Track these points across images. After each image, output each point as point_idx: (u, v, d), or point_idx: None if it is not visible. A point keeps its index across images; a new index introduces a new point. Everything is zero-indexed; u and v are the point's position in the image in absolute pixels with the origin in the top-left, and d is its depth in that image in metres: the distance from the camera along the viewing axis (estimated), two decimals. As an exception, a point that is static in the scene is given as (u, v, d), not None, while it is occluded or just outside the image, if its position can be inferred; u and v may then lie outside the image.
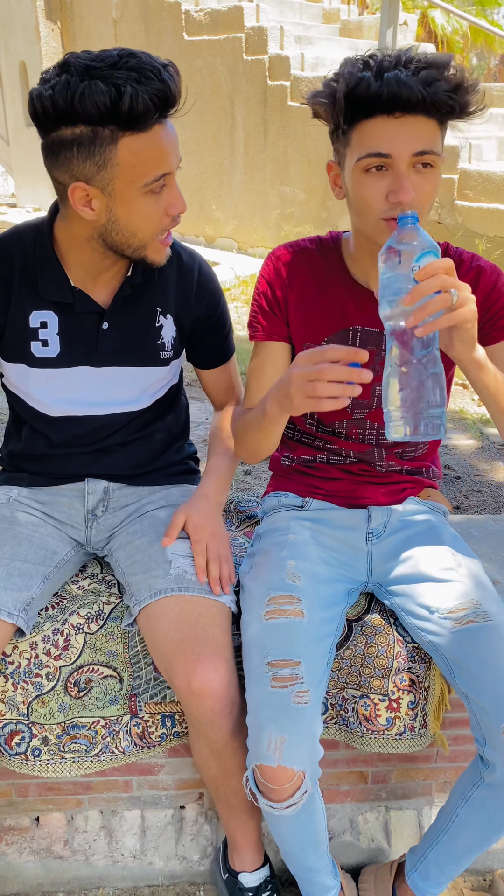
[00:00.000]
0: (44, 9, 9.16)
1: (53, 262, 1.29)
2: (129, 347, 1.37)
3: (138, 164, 1.12)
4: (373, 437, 1.41)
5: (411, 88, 1.08)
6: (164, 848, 1.56)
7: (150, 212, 1.17)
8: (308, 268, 1.35)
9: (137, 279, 1.34)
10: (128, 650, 1.39)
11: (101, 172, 1.13)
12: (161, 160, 1.13)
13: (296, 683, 1.16)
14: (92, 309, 1.33)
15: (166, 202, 1.18)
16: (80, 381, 1.37)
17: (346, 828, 1.60)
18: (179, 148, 1.20)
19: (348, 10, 9.02)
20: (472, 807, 1.26)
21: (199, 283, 1.41)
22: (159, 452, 1.51)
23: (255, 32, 7.00)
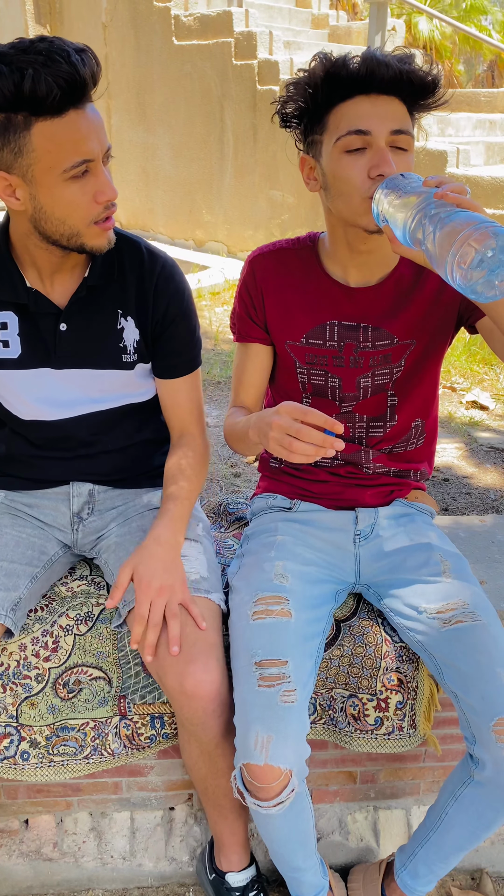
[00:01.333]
0: (33, 12, 9.14)
1: (7, 263, 1.29)
2: (88, 350, 1.34)
3: (54, 151, 1.10)
4: (362, 433, 1.42)
5: (389, 66, 1.15)
6: (153, 849, 1.56)
7: (75, 199, 1.14)
8: (284, 267, 1.38)
9: (95, 280, 1.30)
10: (117, 651, 1.39)
11: (18, 160, 1.11)
12: (79, 145, 1.10)
13: (283, 683, 1.17)
14: (48, 310, 1.31)
15: (93, 189, 1.14)
16: (43, 384, 1.35)
17: (335, 827, 1.60)
18: (106, 134, 1.17)
19: (337, 16, 9.06)
20: (462, 805, 1.26)
21: (159, 282, 1.34)
22: (144, 457, 1.50)
23: (245, 37, 7.02)
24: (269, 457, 1.53)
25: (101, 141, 1.14)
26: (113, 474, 1.47)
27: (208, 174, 7.79)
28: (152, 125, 7.93)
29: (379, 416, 1.41)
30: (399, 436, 1.44)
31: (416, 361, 1.38)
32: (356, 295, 1.34)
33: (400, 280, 1.34)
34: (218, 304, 5.61)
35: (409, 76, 1.16)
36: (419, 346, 1.37)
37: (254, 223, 7.47)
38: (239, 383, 1.47)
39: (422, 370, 1.40)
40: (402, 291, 1.34)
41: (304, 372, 1.40)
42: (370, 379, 1.38)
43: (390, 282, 1.34)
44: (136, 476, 1.49)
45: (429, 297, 1.34)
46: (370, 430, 1.42)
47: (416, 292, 1.34)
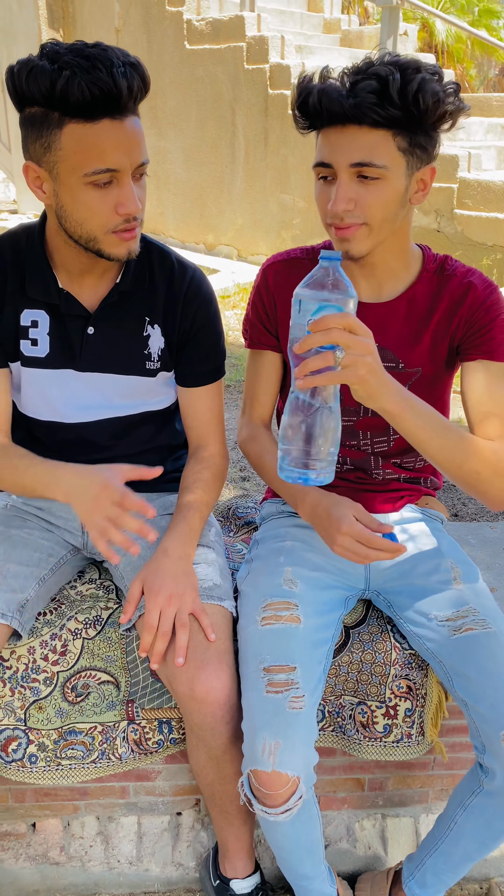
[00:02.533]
0: (46, 17, 9.20)
1: (42, 262, 1.30)
2: (114, 354, 1.35)
3: (79, 153, 1.11)
4: (367, 446, 1.41)
5: (333, 101, 1.11)
6: (160, 854, 1.56)
7: (94, 205, 1.15)
8: (296, 277, 1.34)
9: (126, 286, 1.32)
10: (125, 655, 1.39)
11: (46, 154, 1.14)
12: (105, 154, 1.11)
13: (291, 689, 1.16)
14: (78, 312, 1.32)
15: (115, 200, 1.15)
16: (65, 385, 1.36)
17: (343, 835, 1.59)
18: (144, 150, 1.17)
19: (349, 21, 9.08)
20: (471, 814, 1.26)
21: (188, 296, 1.36)
22: (158, 463, 1.47)
23: (257, 42, 7.04)
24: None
25: (132, 155, 1.14)
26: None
27: (219, 178, 7.80)
28: (164, 129, 7.95)
29: (382, 432, 1.40)
30: (406, 452, 1.43)
31: (421, 390, 1.33)
32: (366, 310, 1.31)
33: (413, 300, 1.31)
34: (228, 307, 5.62)
35: (354, 113, 1.10)
36: (426, 375, 1.34)
37: (264, 227, 7.47)
38: (253, 392, 1.47)
39: (428, 398, 1.37)
40: (415, 313, 1.31)
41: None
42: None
43: (403, 300, 1.31)
44: (149, 481, 1.48)
45: (438, 324, 1.31)
46: (375, 444, 1.41)
47: (428, 317, 1.31)
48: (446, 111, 1.14)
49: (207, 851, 1.55)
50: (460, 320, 1.29)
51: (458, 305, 1.29)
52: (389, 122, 1.11)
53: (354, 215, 1.17)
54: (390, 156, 1.14)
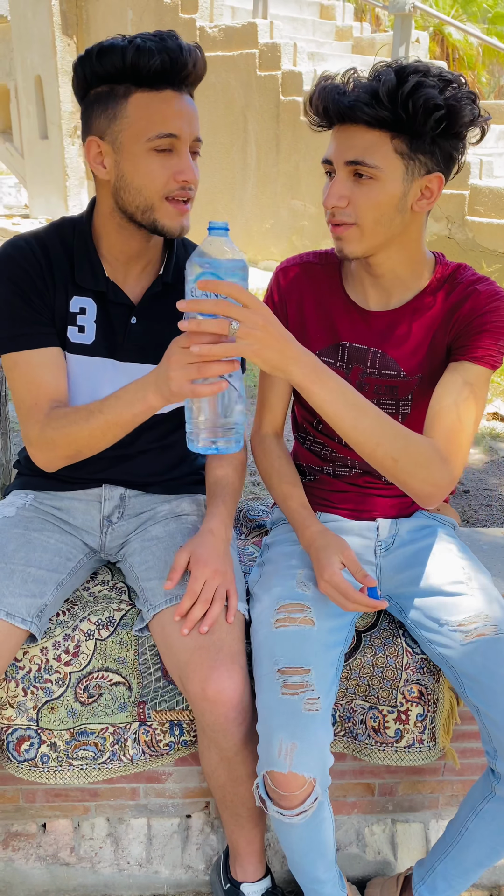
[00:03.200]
0: (60, 24, 9.28)
1: (90, 250, 1.33)
2: (154, 345, 1.37)
3: (144, 119, 1.18)
4: None
5: (330, 100, 1.15)
6: (169, 857, 1.56)
7: (154, 170, 1.20)
8: (308, 282, 1.38)
9: (169, 278, 1.37)
10: (137, 657, 1.40)
11: (111, 125, 1.20)
12: (168, 120, 1.18)
13: (306, 690, 1.16)
14: (123, 301, 1.36)
15: (174, 167, 1.20)
16: (104, 374, 1.38)
17: (353, 840, 1.59)
18: (198, 128, 1.24)
19: (361, 28, 9.10)
20: (483, 820, 1.25)
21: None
22: (175, 463, 1.51)
23: (269, 49, 7.07)
24: None
25: (191, 126, 1.21)
26: (144, 477, 1.48)
27: (231, 184, 7.84)
28: (176, 135, 7.98)
29: None
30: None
31: (422, 395, 1.34)
32: (372, 318, 1.33)
33: (418, 309, 1.31)
34: (239, 312, 5.62)
35: (347, 114, 1.14)
36: (425, 381, 1.34)
37: (275, 233, 7.50)
38: (265, 397, 1.47)
39: (426, 403, 1.36)
40: (419, 322, 1.31)
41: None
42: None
43: (408, 309, 1.32)
44: (166, 481, 1.51)
45: (441, 330, 1.30)
46: None
47: (431, 325, 1.31)
48: (443, 118, 1.12)
49: (218, 855, 1.55)
50: (456, 323, 1.28)
51: (456, 310, 1.28)
52: (380, 122, 1.13)
53: (346, 213, 1.19)
54: (385, 158, 1.15)
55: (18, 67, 10.26)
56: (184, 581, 1.31)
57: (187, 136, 1.21)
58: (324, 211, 1.24)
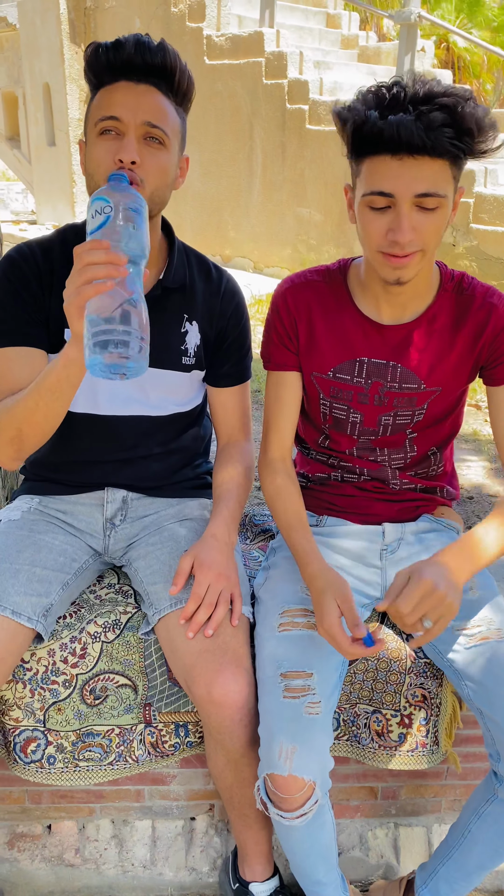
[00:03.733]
0: (68, 32, 9.34)
1: None
2: (153, 349, 1.37)
3: (96, 108, 1.25)
4: (385, 461, 1.43)
5: (412, 133, 1.08)
6: (174, 859, 1.57)
7: (99, 155, 1.23)
8: (315, 301, 1.36)
9: (169, 282, 1.39)
10: (143, 659, 1.41)
11: (86, 125, 1.28)
12: (112, 105, 1.22)
13: (308, 694, 1.18)
14: None
15: (117, 150, 1.21)
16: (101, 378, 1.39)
17: (356, 843, 1.60)
18: (159, 115, 1.24)
19: (367, 37, 9.15)
20: (485, 823, 1.26)
21: (225, 296, 1.46)
22: (179, 468, 1.53)
23: (275, 57, 7.12)
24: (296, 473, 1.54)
25: (138, 111, 1.22)
26: (147, 481, 1.50)
27: (236, 191, 7.87)
28: (182, 142, 8.03)
29: (399, 448, 1.42)
30: (422, 463, 1.45)
31: (439, 407, 1.38)
32: (387, 332, 1.33)
33: (433, 320, 1.32)
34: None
35: (434, 145, 1.09)
36: (444, 393, 1.36)
37: (281, 240, 7.53)
38: (274, 418, 1.43)
39: (444, 414, 1.40)
40: (436, 333, 1.32)
41: (327, 404, 1.40)
42: (392, 418, 1.38)
43: (423, 320, 1.32)
44: (169, 485, 1.52)
45: (462, 345, 1.32)
46: (392, 460, 1.43)
47: (449, 337, 1.32)
48: (496, 142, 1.15)
49: (223, 856, 1.56)
50: (485, 343, 1.31)
51: (482, 328, 1.30)
52: (456, 152, 1.12)
53: (414, 244, 1.16)
54: (447, 184, 1.15)
55: (27, 75, 10.33)
56: (189, 585, 1.32)
57: (131, 119, 1.21)
58: (368, 240, 1.20)
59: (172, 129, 1.26)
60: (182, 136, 1.32)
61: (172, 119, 1.27)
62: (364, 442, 1.41)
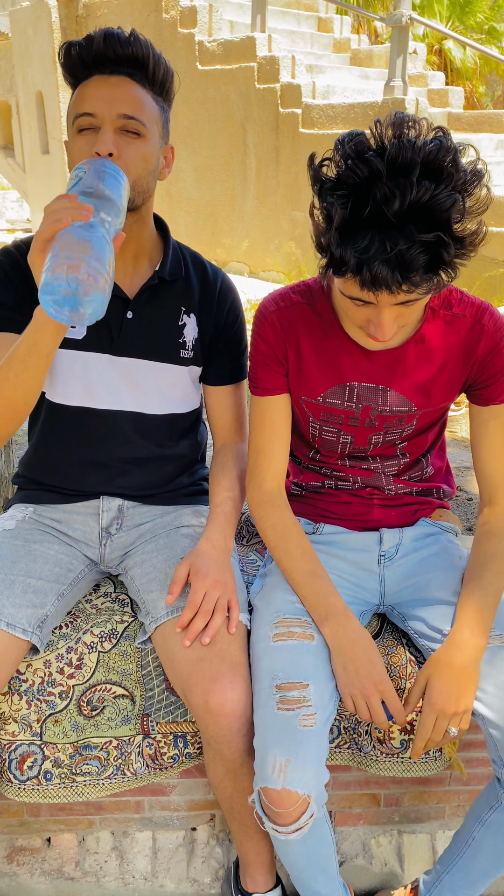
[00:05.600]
0: (61, 39, 9.34)
1: None
2: (151, 340, 1.40)
3: (72, 106, 1.26)
4: (379, 468, 1.42)
5: (389, 283, 1.02)
6: (175, 870, 1.55)
7: (77, 150, 1.24)
8: (302, 325, 1.31)
9: (165, 274, 1.39)
10: (140, 669, 1.40)
11: (68, 121, 1.28)
12: (86, 101, 1.23)
13: (302, 706, 1.15)
14: (118, 294, 1.36)
15: (95, 144, 1.21)
16: (98, 370, 1.38)
17: (359, 851, 1.58)
18: (134, 107, 1.23)
19: (359, 40, 9.17)
20: (489, 830, 1.24)
21: (222, 290, 1.47)
22: (174, 476, 1.52)
23: (267, 62, 7.12)
24: (289, 482, 1.53)
25: (113, 105, 1.22)
26: (143, 489, 1.48)
27: (231, 196, 7.88)
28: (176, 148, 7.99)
29: (392, 457, 1.41)
30: (414, 467, 1.44)
31: (428, 420, 1.38)
32: (376, 356, 1.30)
33: (421, 341, 1.29)
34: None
35: (415, 285, 1.02)
36: (433, 409, 1.36)
37: (275, 244, 7.52)
38: (265, 444, 1.36)
39: (432, 423, 1.40)
40: (425, 355, 1.30)
41: (317, 426, 1.38)
42: (382, 436, 1.37)
43: (412, 342, 1.29)
44: (165, 493, 1.51)
45: (453, 366, 1.30)
46: (385, 467, 1.42)
47: (439, 358, 1.30)
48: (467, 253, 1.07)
49: (225, 867, 1.54)
50: (475, 364, 1.30)
51: (472, 349, 1.29)
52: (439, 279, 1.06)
53: (395, 329, 1.15)
54: (429, 286, 1.07)
55: (19, 83, 10.34)
56: (185, 593, 1.31)
57: (105, 113, 1.22)
58: (352, 321, 1.17)
59: (150, 118, 1.26)
60: (164, 125, 1.32)
61: (150, 108, 1.26)
62: (360, 451, 1.40)
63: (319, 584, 1.28)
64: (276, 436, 1.37)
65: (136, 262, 1.38)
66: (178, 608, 1.29)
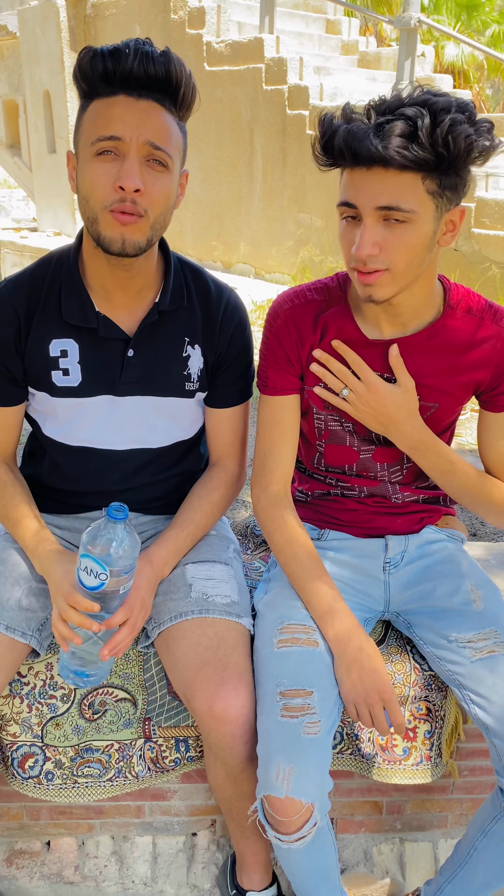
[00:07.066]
0: (68, 39, 9.36)
1: (78, 285, 1.28)
2: (154, 376, 1.33)
3: (91, 124, 1.15)
4: (384, 476, 1.40)
5: (359, 142, 1.05)
6: (175, 875, 1.54)
7: (96, 177, 1.14)
8: (315, 323, 1.30)
9: (165, 306, 1.31)
10: (142, 673, 1.39)
11: (77, 136, 1.19)
12: (110, 123, 1.12)
13: (307, 714, 1.14)
14: (117, 335, 1.30)
15: (117, 174, 1.13)
16: (101, 411, 1.33)
17: (361, 859, 1.57)
18: (162, 134, 1.15)
19: (367, 42, 9.15)
20: (492, 840, 1.23)
21: (227, 313, 1.37)
22: (176, 488, 1.47)
23: (275, 63, 7.12)
24: (294, 489, 1.51)
25: (140, 129, 1.13)
26: (146, 503, 1.45)
27: (237, 197, 7.87)
28: (183, 149, 8.03)
29: (395, 462, 1.38)
30: (420, 476, 1.41)
31: (434, 421, 1.33)
32: (385, 347, 1.27)
33: (435, 336, 1.27)
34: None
35: (382, 156, 1.04)
36: (440, 410, 1.33)
37: (281, 245, 7.52)
38: (273, 446, 1.35)
39: (439, 427, 1.36)
40: (434, 350, 1.28)
41: (322, 418, 1.36)
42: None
43: (424, 335, 1.27)
44: (167, 503, 1.47)
45: (466, 367, 1.28)
46: (391, 474, 1.40)
47: (451, 356, 1.28)
48: (479, 152, 1.08)
49: (225, 858, 1.53)
50: (490, 368, 1.28)
51: (489, 352, 1.27)
52: (418, 165, 1.05)
53: (378, 260, 1.11)
54: (419, 199, 1.08)
55: (27, 83, 10.34)
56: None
57: (132, 139, 1.12)
58: (343, 253, 1.17)
59: (176, 148, 1.18)
60: (183, 153, 1.23)
61: (175, 138, 1.18)
62: (364, 456, 1.38)
63: (324, 590, 1.27)
64: (284, 437, 1.35)
65: (140, 294, 1.31)
66: (181, 613, 1.28)
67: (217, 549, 1.42)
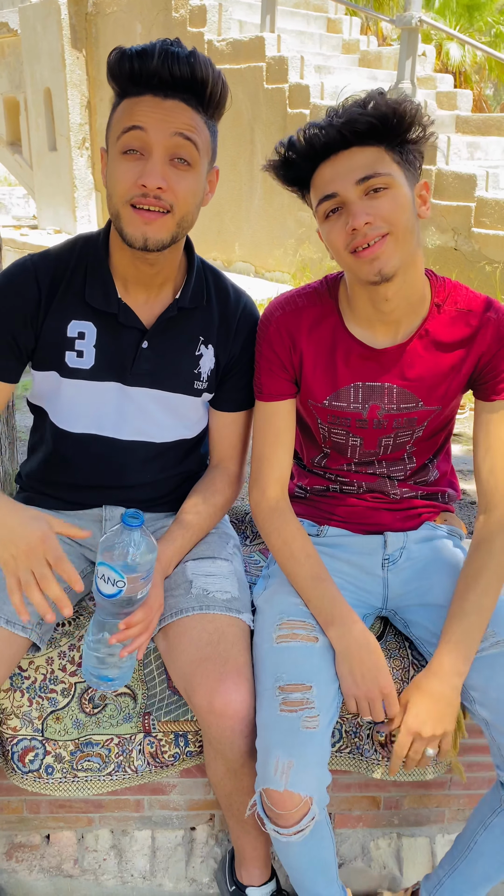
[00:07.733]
0: (69, 37, 9.36)
1: (104, 270, 1.30)
2: (165, 371, 1.35)
3: (118, 120, 1.19)
4: (384, 472, 1.41)
5: (328, 133, 1.15)
6: (173, 869, 1.55)
7: (121, 173, 1.17)
8: (308, 330, 1.31)
9: (185, 303, 1.33)
10: (142, 668, 1.39)
11: (108, 132, 1.22)
12: (134, 116, 1.15)
13: (306, 708, 1.15)
14: (135, 325, 1.32)
15: (141, 171, 1.15)
16: (108, 399, 1.34)
17: (358, 854, 1.58)
18: (189, 134, 1.17)
19: (368, 41, 9.15)
20: (492, 834, 1.24)
21: (242, 318, 1.40)
22: (177, 486, 1.48)
23: (276, 62, 7.12)
24: (293, 485, 1.52)
25: (165, 125, 1.15)
26: (146, 502, 1.46)
27: (237, 195, 7.87)
28: (183, 147, 8.03)
29: (399, 461, 1.40)
30: (420, 472, 1.43)
31: (438, 423, 1.36)
32: (382, 356, 1.29)
33: (426, 336, 1.29)
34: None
35: (355, 128, 1.14)
36: (444, 411, 1.35)
37: (281, 244, 7.52)
38: (270, 450, 1.37)
39: (442, 425, 1.39)
40: (430, 349, 1.29)
41: (325, 429, 1.37)
42: (392, 439, 1.36)
43: (416, 339, 1.29)
44: (168, 501, 1.48)
45: (459, 360, 1.30)
46: (391, 471, 1.41)
47: (445, 353, 1.29)
48: (422, 124, 1.18)
49: (223, 854, 1.54)
50: (482, 358, 1.29)
51: (480, 342, 1.28)
52: (375, 132, 1.15)
53: (376, 227, 1.15)
54: (390, 165, 1.16)
55: (28, 80, 10.34)
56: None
57: (157, 134, 1.14)
58: (335, 251, 1.21)
59: (203, 146, 1.20)
60: (213, 151, 1.25)
61: (203, 136, 1.19)
62: (369, 457, 1.39)
63: (324, 589, 1.28)
64: (279, 442, 1.37)
65: (161, 289, 1.33)
66: (181, 609, 1.28)
67: (217, 545, 1.43)
